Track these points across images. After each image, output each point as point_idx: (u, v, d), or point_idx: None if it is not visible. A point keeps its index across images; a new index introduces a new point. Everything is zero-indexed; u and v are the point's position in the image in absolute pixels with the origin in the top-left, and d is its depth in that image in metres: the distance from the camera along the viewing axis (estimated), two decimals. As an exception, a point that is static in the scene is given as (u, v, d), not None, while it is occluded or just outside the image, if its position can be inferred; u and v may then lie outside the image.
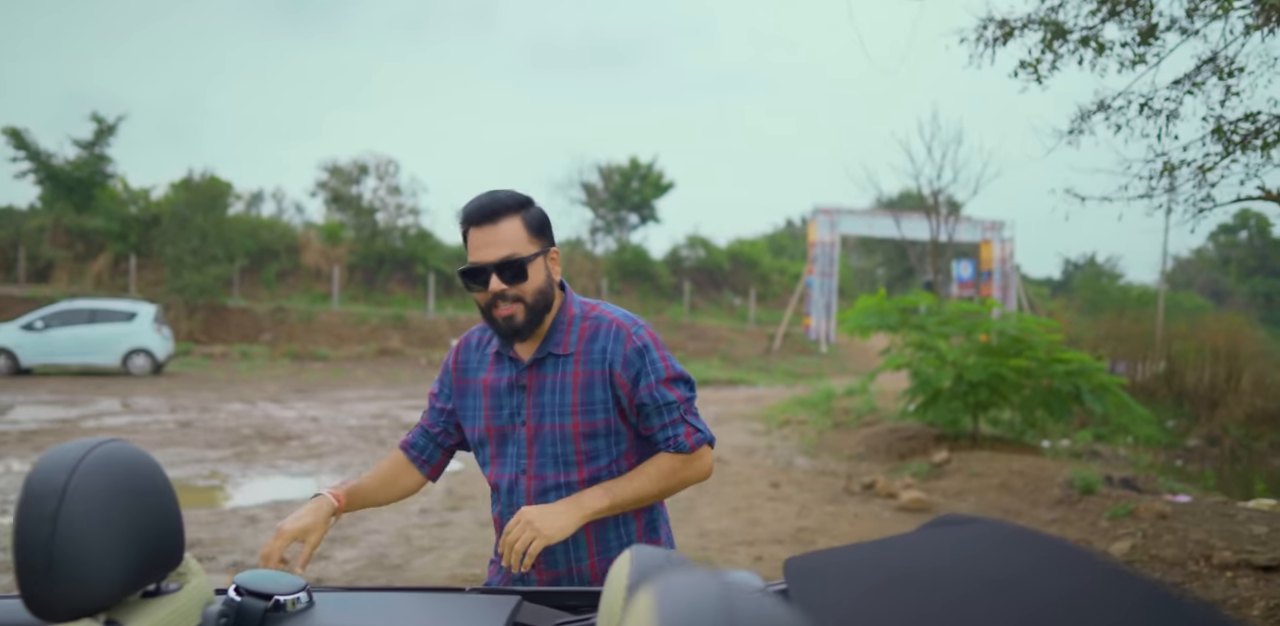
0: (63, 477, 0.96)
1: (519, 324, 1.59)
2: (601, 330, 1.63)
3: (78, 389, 13.81)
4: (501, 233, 1.57)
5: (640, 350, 1.61)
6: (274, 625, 1.27)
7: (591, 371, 1.61)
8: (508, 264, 1.56)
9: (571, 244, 28.17)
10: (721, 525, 5.84)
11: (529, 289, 1.58)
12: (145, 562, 1.02)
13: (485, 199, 1.59)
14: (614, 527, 1.65)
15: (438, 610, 1.33)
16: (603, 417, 1.61)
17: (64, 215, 24.33)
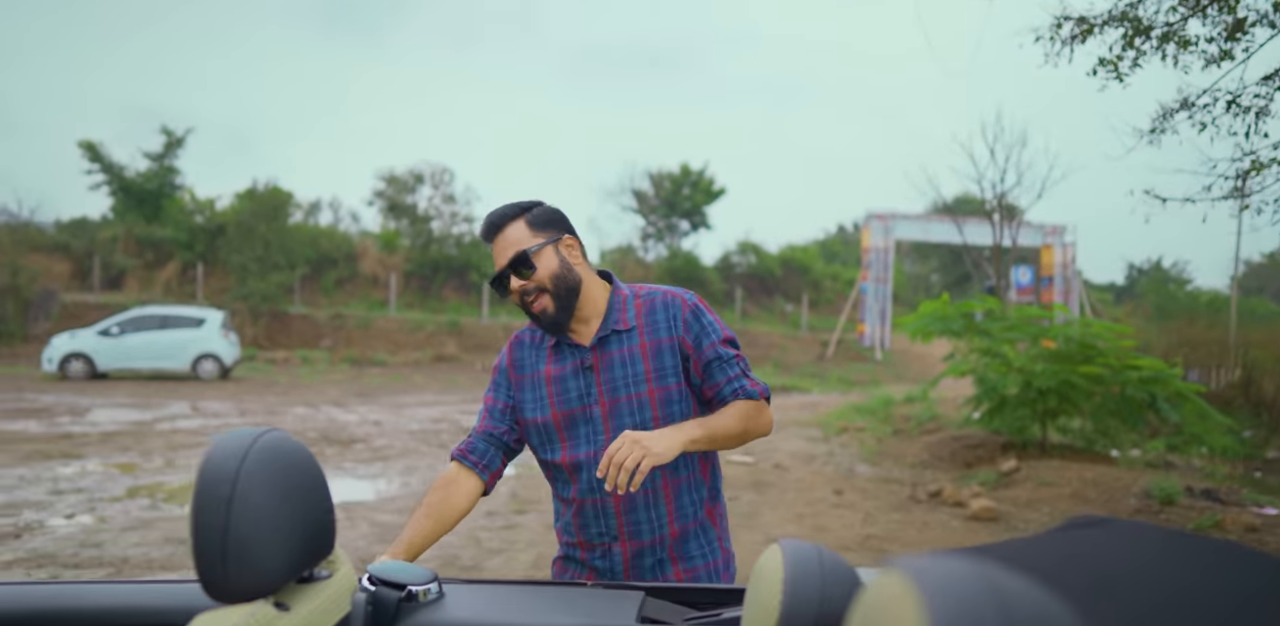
0: (234, 466, 1.00)
1: (553, 314, 1.68)
2: (658, 302, 1.74)
3: (151, 392, 14.28)
4: (507, 238, 1.70)
5: (695, 313, 1.72)
6: (407, 614, 1.30)
7: (659, 339, 1.70)
8: (517, 260, 1.67)
9: (623, 251, 28.29)
10: (786, 531, 5.79)
11: (543, 276, 1.67)
12: (306, 548, 1.06)
13: (488, 217, 1.73)
14: (686, 491, 1.71)
15: (564, 604, 1.35)
16: (674, 382, 1.69)
17: (135, 225, 25.23)
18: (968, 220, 18.98)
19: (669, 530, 1.69)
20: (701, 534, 1.73)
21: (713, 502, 1.76)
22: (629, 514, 1.69)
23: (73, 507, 5.94)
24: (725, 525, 1.80)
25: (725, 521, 1.80)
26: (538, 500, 6.52)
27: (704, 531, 1.73)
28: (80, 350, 16.17)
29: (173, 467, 7.58)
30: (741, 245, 29.77)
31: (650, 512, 1.69)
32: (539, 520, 5.90)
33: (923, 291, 34.61)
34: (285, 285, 22.93)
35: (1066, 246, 25.32)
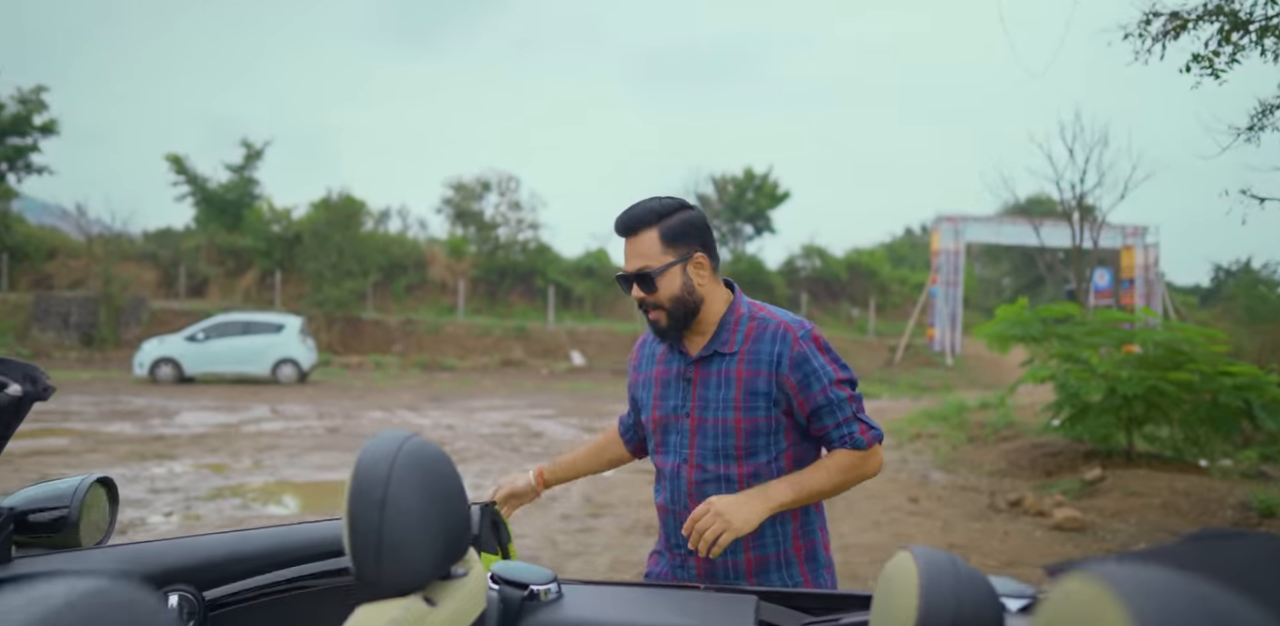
0: (385, 468, 1.06)
1: (664, 327, 1.70)
2: (769, 332, 1.67)
3: (234, 396, 14.83)
4: (637, 245, 1.68)
5: (806, 354, 1.65)
6: (529, 613, 1.35)
7: (757, 371, 1.65)
8: (640, 277, 1.68)
9: (686, 255, 28.29)
10: (865, 539, 5.73)
11: (662, 297, 1.67)
12: (448, 547, 1.11)
13: (626, 212, 1.70)
14: (770, 525, 1.67)
15: (678, 607, 1.38)
16: (765, 415, 1.65)
17: (217, 234, 26.25)
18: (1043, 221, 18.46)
19: (744, 557, 1.68)
20: (784, 567, 1.69)
21: (804, 538, 1.71)
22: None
23: (170, 506, 6.22)
24: (818, 564, 1.73)
25: (819, 561, 1.74)
26: (612, 504, 6.58)
27: (786, 565, 1.69)
28: (169, 355, 16.89)
29: (260, 468, 7.87)
30: (806, 249, 29.50)
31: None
32: (614, 524, 5.96)
33: (994, 295, 33.76)
34: (358, 291, 23.57)
35: (1149, 248, 24.42)
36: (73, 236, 26.65)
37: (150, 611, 0.54)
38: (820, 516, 1.77)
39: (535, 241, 27.44)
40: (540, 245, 27.48)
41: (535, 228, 27.57)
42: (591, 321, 26.04)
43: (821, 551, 1.75)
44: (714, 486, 1.68)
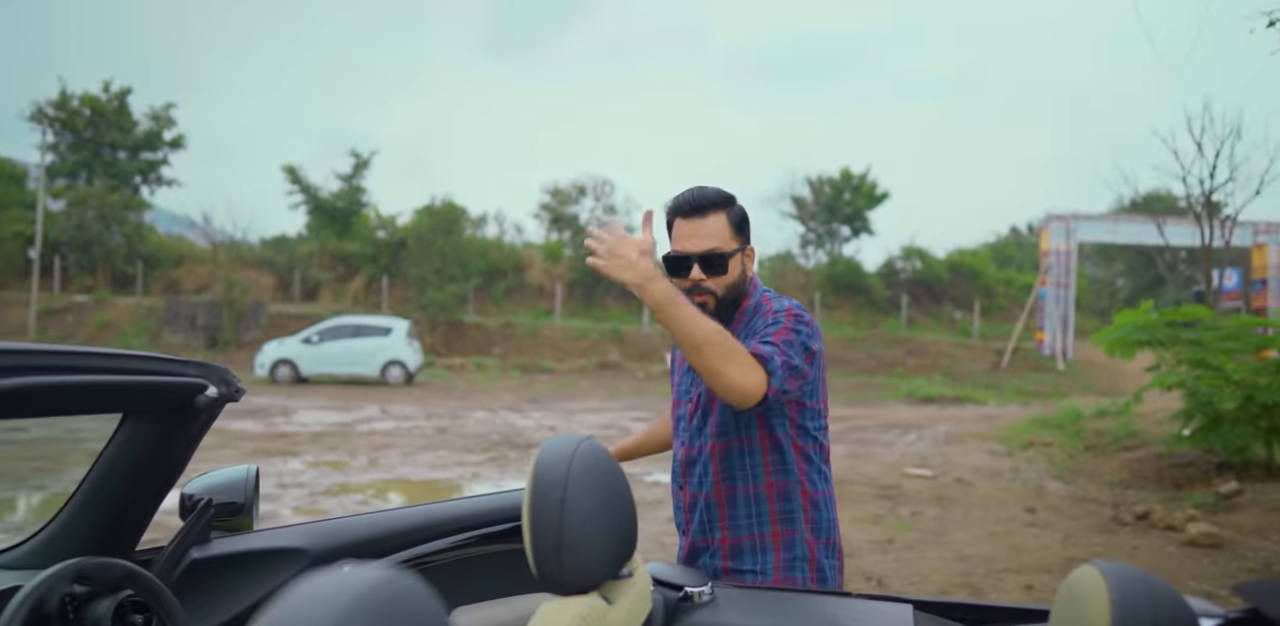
0: (563, 469, 1.11)
1: (710, 313, 1.66)
2: (757, 317, 1.71)
3: (346, 396, 15.49)
4: (708, 226, 1.66)
5: (769, 319, 1.65)
6: (684, 614, 1.37)
7: None
8: (711, 257, 1.65)
9: (782, 257, 28.00)
10: (980, 550, 5.55)
11: (724, 282, 1.67)
12: (621, 547, 1.15)
13: (695, 192, 1.69)
14: (743, 503, 1.69)
15: (832, 613, 1.38)
16: None
17: (328, 241, 27.49)
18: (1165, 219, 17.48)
19: (720, 535, 1.70)
20: (757, 551, 1.69)
21: (783, 525, 1.69)
22: (690, 511, 1.76)
23: (297, 500, 6.55)
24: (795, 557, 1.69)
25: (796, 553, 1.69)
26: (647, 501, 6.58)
27: (760, 550, 1.68)
28: (287, 356, 17.78)
29: (375, 466, 8.20)
30: (906, 250, 28.77)
31: (706, 514, 1.72)
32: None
33: (1107, 297, 32.15)
34: (460, 295, 24.27)
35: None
36: (198, 244, 28.39)
37: (425, 594, 0.59)
38: (811, 509, 1.72)
39: (630, 245, 27.64)
40: (635, 249, 27.66)
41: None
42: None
43: (801, 544, 1.69)
44: (698, 466, 1.73)
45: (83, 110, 27.95)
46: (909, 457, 9.53)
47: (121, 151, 28.66)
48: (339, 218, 28.23)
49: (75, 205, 26.02)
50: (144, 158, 29.11)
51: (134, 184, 28.98)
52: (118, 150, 28.56)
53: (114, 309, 23.90)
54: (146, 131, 28.89)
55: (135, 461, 1.54)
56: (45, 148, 26.97)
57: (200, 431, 1.58)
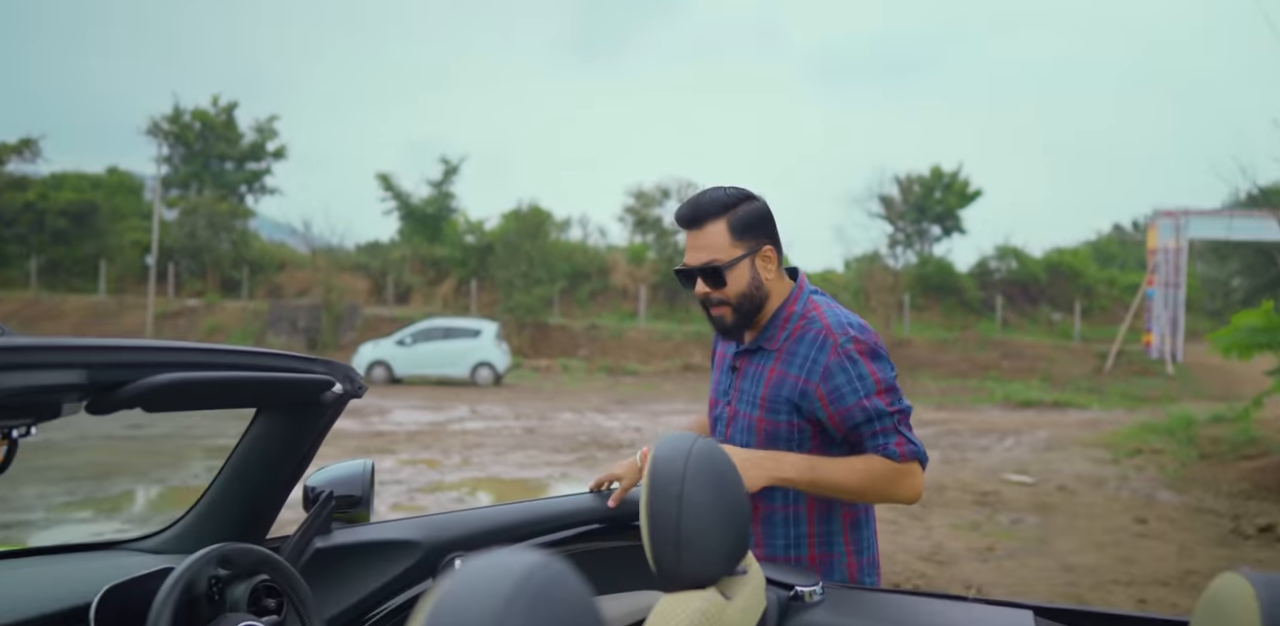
0: (680, 465, 1.12)
1: (728, 325, 1.64)
2: (809, 335, 1.59)
3: (438, 396, 15.91)
4: (704, 237, 1.60)
5: (844, 363, 1.54)
6: (795, 614, 1.37)
7: (786, 373, 1.59)
8: (707, 271, 1.61)
9: (869, 258, 27.43)
10: (1086, 560, 5.33)
11: (730, 293, 1.61)
12: (737, 543, 1.15)
13: (691, 202, 1.63)
14: (781, 524, 1.62)
15: (947, 617, 1.35)
16: (786, 420, 1.59)
17: (419, 246, 28.32)
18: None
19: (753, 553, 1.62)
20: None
21: (821, 548, 1.63)
22: None
23: (395, 496, 6.77)
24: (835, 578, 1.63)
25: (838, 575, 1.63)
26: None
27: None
28: (382, 358, 18.39)
29: (468, 465, 8.40)
30: (1000, 249, 27.81)
31: None
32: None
33: (1221, 297, 30.36)
34: (546, 298, 24.65)
35: None
36: (299, 250, 29.65)
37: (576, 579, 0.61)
38: (851, 530, 1.66)
39: (713, 247, 27.57)
40: (719, 250, 27.58)
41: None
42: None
43: (840, 569, 1.64)
44: None
45: (194, 124, 29.57)
46: (1007, 463, 9.21)
47: (229, 162, 30.20)
48: (429, 223, 29.05)
49: (187, 214, 27.52)
50: (249, 168, 30.60)
51: (240, 193, 30.50)
52: (225, 161, 30.10)
53: (222, 312, 25.18)
54: (251, 143, 30.37)
55: (267, 454, 1.63)
56: (160, 160, 28.63)
57: (326, 426, 1.65)
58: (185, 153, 29.79)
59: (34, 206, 26.71)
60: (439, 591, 0.56)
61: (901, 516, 6.36)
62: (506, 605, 0.54)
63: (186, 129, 29.50)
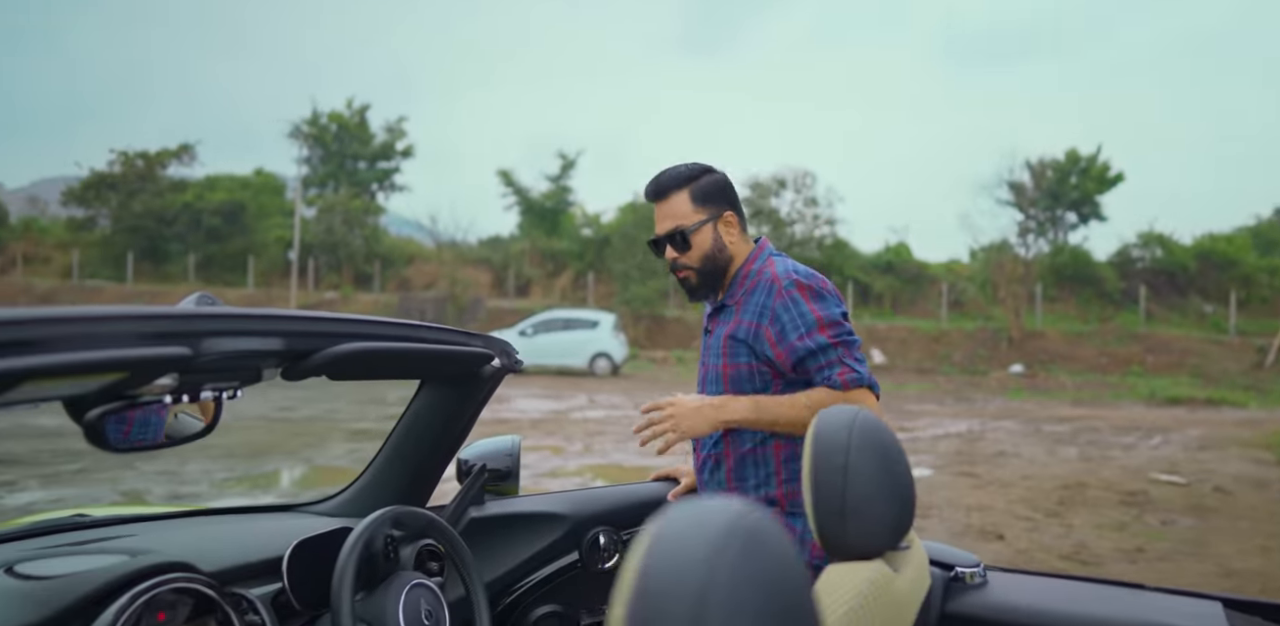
0: (845, 436, 1.11)
1: (693, 285, 1.77)
2: (760, 284, 1.70)
3: (557, 386, 16.29)
4: (669, 207, 1.74)
5: (787, 304, 1.64)
6: (957, 595, 1.34)
7: (744, 321, 1.70)
8: (672, 235, 1.73)
9: (996, 247, 26.20)
10: (1251, 565, 4.94)
11: (695, 256, 1.73)
12: (902, 516, 1.14)
13: (656, 178, 1.76)
14: (752, 464, 1.70)
15: (1124, 605, 1.29)
16: (745, 362, 1.69)
17: (537, 239, 29.02)
18: None
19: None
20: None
21: (788, 484, 1.70)
22: (701, 473, 1.80)
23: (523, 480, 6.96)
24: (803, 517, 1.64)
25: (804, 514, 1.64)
26: (936, 506, 6.30)
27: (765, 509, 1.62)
28: (504, 348, 18.98)
29: (590, 452, 8.57)
30: (1143, 237, 26.06)
31: (714, 474, 1.75)
32: (942, 526, 5.70)
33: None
34: (661, 290, 24.79)
35: None
36: (425, 245, 30.92)
37: (778, 526, 0.62)
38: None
39: (832, 237, 27.03)
40: (837, 241, 27.02)
41: (832, 223, 27.16)
42: (892, 318, 25.10)
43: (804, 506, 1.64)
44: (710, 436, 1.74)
45: (331, 126, 31.25)
46: (1155, 462, 8.65)
47: (361, 162, 31.79)
48: (548, 217, 29.71)
49: (324, 212, 29.14)
50: (380, 167, 32.10)
51: (371, 191, 32.05)
52: (358, 161, 31.70)
53: (357, 304, 26.55)
54: (382, 143, 31.85)
55: (430, 424, 1.72)
56: (301, 161, 30.43)
57: (484, 399, 1.73)
58: (323, 153, 31.54)
59: (191, 206, 28.88)
60: (650, 536, 0.58)
61: (1038, 513, 6.09)
62: (717, 550, 0.55)
63: (324, 131, 31.20)
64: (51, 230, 31.46)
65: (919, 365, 21.41)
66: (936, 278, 26.56)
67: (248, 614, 1.30)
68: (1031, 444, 9.88)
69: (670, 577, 0.54)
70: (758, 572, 0.56)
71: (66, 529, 1.46)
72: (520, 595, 1.93)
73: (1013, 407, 14.38)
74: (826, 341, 1.62)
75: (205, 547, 1.37)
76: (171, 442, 1.17)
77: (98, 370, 0.87)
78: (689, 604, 0.52)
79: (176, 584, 1.18)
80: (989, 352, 21.94)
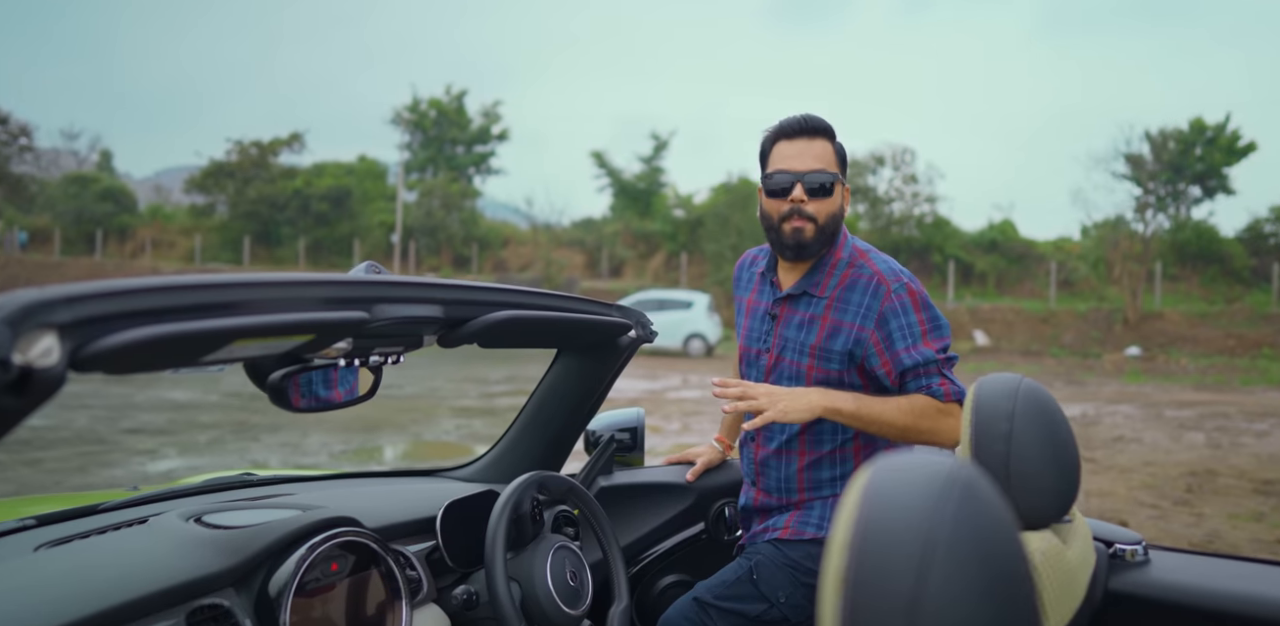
0: (1008, 404, 1.08)
1: (806, 240, 1.59)
2: (861, 282, 1.59)
3: (652, 366, 16.38)
4: (815, 148, 1.60)
5: (897, 309, 1.56)
6: (1119, 572, 1.29)
7: (842, 322, 1.59)
8: (817, 177, 1.58)
9: (1110, 224, 24.86)
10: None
11: (825, 209, 1.59)
12: (1067, 488, 1.10)
13: (801, 117, 1.63)
14: (828, 465, 1.62)
15: None
16: (838, 369, 1.59)
17: (630, 221, 29.14)
18: None
19: (796, 496, 1.64)
20: (830, 507, 1.62)
21: None
22: (763, 463, 1.69)
23: (624, 457, 7.07)
24: None
25: None
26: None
27: (834, 507, 1.61)
28: (599, 328, 19.20)
29: (688, 431, 8.61)
30: (1276, 211, 24.26)
31: (780, 471, 1.66)
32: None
33: None
34: (756, 270, 24.58)
35: None
36: (520, 227, 31.50)
37: (989, 482, 0.60)
38: None
39: (932, 215, 26.20)
40: (938, 219, 26.17)
41: (932, 201, 26.30)
42: (995, 299, 24.20)
43: None
44: (775, 427, 1.65)
45: (430, 112, 32.05)
46: (1292, 451, 8.10)
47: (459, 146, 32.52)
48: (640, 198, 29.78)
49: (424, 196, 30.00)
50: (476, 151, 32.78)
51: (468, 175, 32.77)
52: (456, 145, 32.45)
53: (455, 286, 27.28)
54: (479, 127, 32.49)
55: (566, 392, 1.75)
56: (402, 147, 31.36)
57: (619, 368, 1.75)
58: (423, 139, 32.41)
59: (300, 193, 30.17)
60: (863, 488, 0.57)
61: (1164, 500, 5.80)
62: (939, 502, 0.54)
63: (424, 117, 32.04)
64: (175, 217, 33.42)
65: (1025, 348, 20.59)
66: (1044, 256, 25.44)
67: (406, 569, 1.36)
68: (1153, 429, 9.40)
69: (892, 530, 0.53)
70: (977, 525, 0.55)
71: (238, 486, 1.56)
72: (648, 563, 1.96)
73: (1130, 391, 13.69)
74: (934, 356, 1.56)
75: (364, 506, 1.44)
76: (343, 403, 1.23)
77: (292, 331, 0.92)
78: (913, 555, 0.51)
79: (347, 538, 1.25)
80: (1102, 334, 20.93)
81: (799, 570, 1.60)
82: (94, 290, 0.72)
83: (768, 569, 1.61)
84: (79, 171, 34.74)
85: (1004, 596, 0.53)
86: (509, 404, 9.89)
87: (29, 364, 0.63)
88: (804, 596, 1.59)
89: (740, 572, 1.64)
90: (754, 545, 1.70)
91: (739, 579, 1.63)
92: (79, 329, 0.69)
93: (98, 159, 38.95)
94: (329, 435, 7.78)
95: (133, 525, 1.27)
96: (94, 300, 0.71)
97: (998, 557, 0.54)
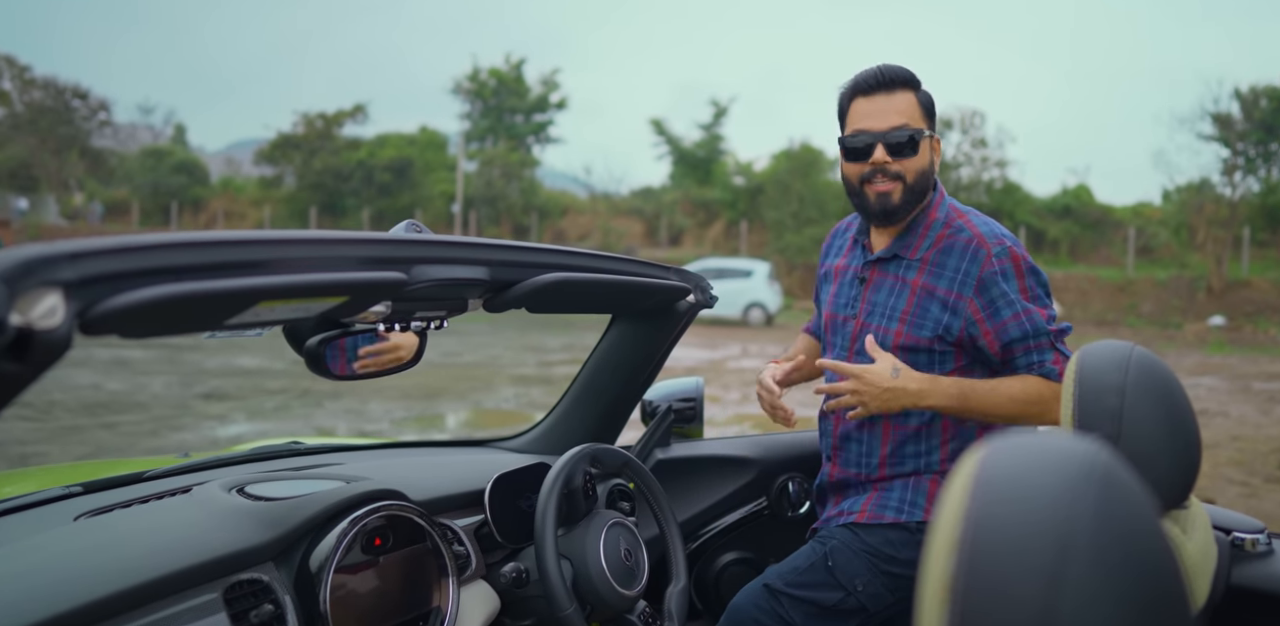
0: (1119, 377, 0.95)
1: (894, 204, 1.47)
2: (959, 245, 1.47)
3: (711, 335, 16.28)
4: (896, 102, 1.46)
5: (999, 274, 1.43)
6: (1239, 563, 1.17)
7: (935, 287, 1.47)
8: (900, 134, 1.44)
9: (1196, 187, 23.64)
10: None
11: (913, 167, 1.46)
12: (1187, 471, 0.97)
13: (877, 69, 1.49)
14: (912, 441, 1.52)
15: None
16: (930, 335, 1.48)
17: (689, 189, 28.85)
18: None
19: (876, 473, 1.54)
20: (911, 489, 1.52)
21: (950, 461, 1.51)
22: (842, 439, 1.59)
23: (683, 426, 7.02)
24: None
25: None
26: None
27: (916, 488, 1.52)
28: (657, 297, 19.15)
29: (748, 401, 8.51)
30: (1380, 172, 22.75)
31: (862, 447, 1.56)
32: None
33: None
34: (817, 239, 24.12)
35: None
36: (579, 196, 31.46)
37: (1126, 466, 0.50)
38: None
39: (1002, 181, 25.29)
40: (1008, 184, 25.25)
41: (1002, 166, 25.37)
42: (1068, 267, 23.35)
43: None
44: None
45: (490, 82, 32.04)
46: (1393, 427, 7.64)
47: (518, 115, 32.49)
48: (699, 166, 29.42)
49: (485, 165, 30.13)
50: (535, 120, 32.72)
51: (527, 144, 32.78)
52: (515, 114, 32.42)
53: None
54: (538, 96, 32.39)
55: (621, 360, 1.67)
56: (462, 117, 31.49)
57: (678, 334, 1.66)
58: (482, 108, 32.46)
59: (364, 163, 30.59)
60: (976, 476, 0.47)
61: (1254, 477, 5.52)
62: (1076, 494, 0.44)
63: (483, 86, 32.05)
64: (245, 188, 34.28)
65: (1101, 317, 19.87)
66: (1121, 222, 24.40)
67: (453, 544, 1.30)
68: (1240, 403, 8.96)
69: (1017, 526, 0.43)
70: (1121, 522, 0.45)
71: (284, 455, 1.52)
72: (708, 539, 1.89)
73: (1214, 363, 13.10)
74: (1044, 326, 1.44)
75: (410, 477, 1.38)
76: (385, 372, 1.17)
77: (322, 293, 0.85)
78: (1046, 558, 0.42)
79: (390, 512, 1.19)
80: (1183, 303, 20.04)
81: (878, 557, 1.49)
82: (103, 246, 0.65)
83: (844, 555, 1.50)
84: (155, 145, 35.80)
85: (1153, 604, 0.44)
86: (566, 373, 9.91)
87: (29, 325, 0.57)
88: (883, 585, 1.48)
89: (814, 558, 1.53)
90: (828, 529, 1.58)
91: (813, 565, 1.52)
92: (86, 288, 0.63)
93: (172, 133, 40.06)
94: (390, 402, 7.90)
95: (175, 494, 1.24)
96: (103, 257, 0.64)
97: (1146, 560, 0.45)
